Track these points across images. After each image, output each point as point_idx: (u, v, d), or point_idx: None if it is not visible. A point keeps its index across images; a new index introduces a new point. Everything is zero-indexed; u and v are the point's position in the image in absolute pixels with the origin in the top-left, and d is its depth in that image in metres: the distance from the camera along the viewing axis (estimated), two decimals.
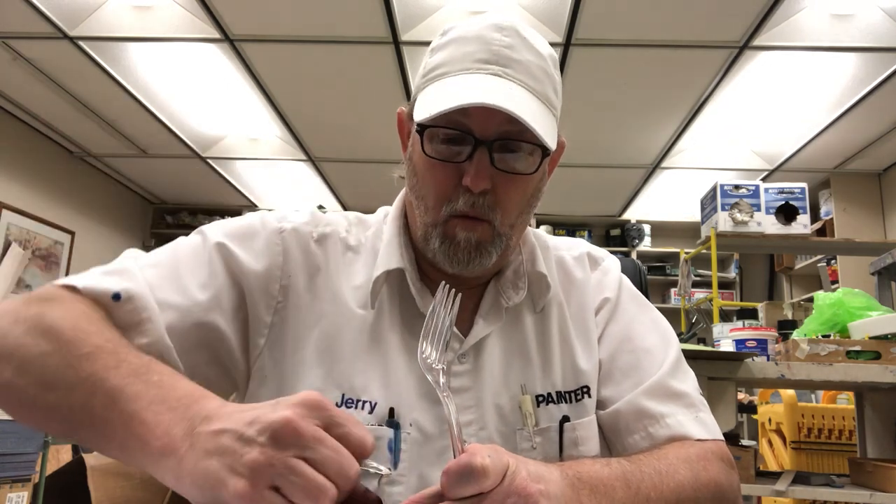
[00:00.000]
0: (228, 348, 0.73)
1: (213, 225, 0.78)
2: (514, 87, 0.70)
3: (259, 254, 0.75)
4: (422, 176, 0.74)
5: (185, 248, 0.75)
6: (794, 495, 1.76)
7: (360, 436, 0.49)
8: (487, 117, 0.69)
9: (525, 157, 0.72)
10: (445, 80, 0.71)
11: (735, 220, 3.13)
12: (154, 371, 0.56)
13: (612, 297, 0.84)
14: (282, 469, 0.45)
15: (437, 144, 0.71)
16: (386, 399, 0.72)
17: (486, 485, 0.48)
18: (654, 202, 5.68)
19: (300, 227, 0.79)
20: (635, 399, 0.77)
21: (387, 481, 0.71)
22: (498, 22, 0.73)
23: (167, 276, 0.71)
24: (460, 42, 0.73)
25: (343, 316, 0.76)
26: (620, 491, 0.59)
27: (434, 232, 0.74)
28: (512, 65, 0.71)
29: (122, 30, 3.26)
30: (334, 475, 0.46)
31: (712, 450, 0.73)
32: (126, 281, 0.66)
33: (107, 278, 0.66)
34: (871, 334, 1.77)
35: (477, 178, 0.69)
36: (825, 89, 3.63)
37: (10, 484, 2.71)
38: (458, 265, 0.73)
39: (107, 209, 5.53)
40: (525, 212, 0.76)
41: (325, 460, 0.46)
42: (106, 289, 0.65)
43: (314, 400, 0.48)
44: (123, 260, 0.71)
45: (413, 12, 3.10)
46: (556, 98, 0.76)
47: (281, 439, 0.45)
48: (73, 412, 0.55)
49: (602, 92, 3.79)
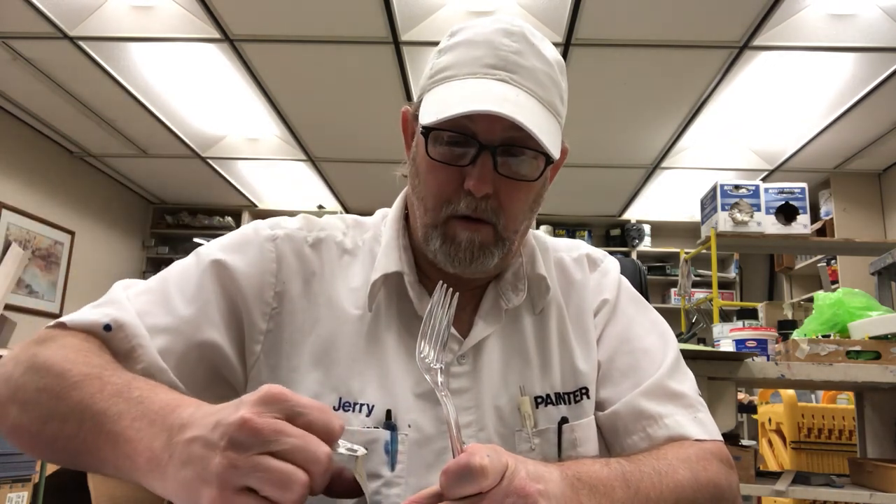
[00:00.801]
0: (226, 360, 0.73)
1: (208, 244, 0.79)
2: (520, 94, 0.70)
3: (252, 261, 0.76)
4: (424, 177, 0.74)
5: (175, 270, 0.76)
6: (794, 495, 1.76)
7: (324, 420, 0.49)
8: (492, 122, 0.69)
9: (528, 163, 0.72)
10: (452, 84, 0.72)
11: (735, 220, 3.13)
12: (135, 388, 0.57)
13: (611, 299, 0.85)
14: (246, 469, 0.45)
15: (441, 147, 0.71)
16: (383, 401, 0.72)
17: (484, 484, 0.48)
18: (654, 202, 5.68)
19: (293, 232, 0.79)
20: (634, 400, 0.77)
21: (384, 483, 0.70)
22: (507, 27, 0.73)
23: (157, 300, 0.72)
24: (469, 45, 0.73)
25: (339, 319, 0.76)
26: (620, 491, 0.59)
27: (434, 233, 0.74)
28: (519, 71, 0.71)
29: (122, 30, 3.26)
30: (303, 462, 0.46)
31: (711, 450, 0.74)
32: (115, 311, 0.69)
33: (96, 311, 0.69)
34: (871, 334, 1.77)
35: (480, 182, 0.69)
36: (825, 89, 3.63)
37: (10, 484, 2.71)
38: (460, 265, 0.73)
39: (107, 209, 5.53)
40: (528, 217, 0.76)
41: (291, 449, 0.46)
42: (95, 321, 0.68)
43: (272, 393, 0.48)
44: (113, 291, 0.73)
45: (413, 12, 3.10)
46: (562, 105, 0.76)
47: (240, 440, 0.46)
48: (70, 441, 0.57)
49: (602, 92, 3.79)
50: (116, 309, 0.69)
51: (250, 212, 6.17)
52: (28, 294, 4.62)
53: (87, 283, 5.23)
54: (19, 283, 4.47)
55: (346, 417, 0.71)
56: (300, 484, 0.45)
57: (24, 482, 2.78)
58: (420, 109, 0.73)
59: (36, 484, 2.83)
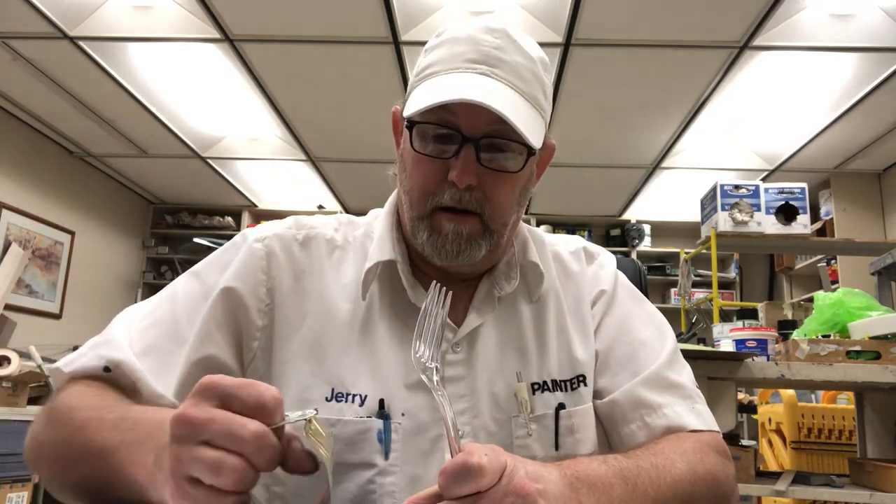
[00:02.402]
0: (225, 367, 0.75)
1: (206, 264, 0.81)
2: (499, 86, 0.71)
3: (242, 263, 0.78)
4: (410, 171, 0.76)
5: (182, 300, 0.77)
6: (794, 495, 1.76)
7: (255, 395, 0.48)
8: (475, 115, 0.70)
9: (513, 157, 0.73)
10: (434, 79, 0.73)
11: (735, 220, 3.13)
12: (128, 417, 0.60)
13: (609, 290, 0.86)
14: (187, 460, 0.46)
15: (426, 141, 0.73)
16: (375, 391, 0.73)
17: (483, 483, 0.48)
18: (654, 202, 5.68)
19: (282, 232, 0.81)
20: (633, 389, 0.77)
21: (378, 472, 0.71)
22: (489, 24, 0.74)
23: (166, 333, 0.74)
24: (452, 42, 0.75)
25: (331, 312, 0.77)
26: (618, 488, 0.60)
27: (421, 225, 0.75)
28: (500, 65, 0.72)
29: (122, 30, 3.26)
30: (230, 445, 0.46)
31: (708, 441, 0.74)
32: (110, 352, 0.71)
33: (93, 353, 0.71)
34: (871, 334, 1.77)
35: (462, 173, 0.71)
36: (825, 89, 3.63)
37: (10, 484, 2.71)
38: (447, 257, 0.74)
39: (107, 209, 5.53)
40: (514, 210, 0.77)
41: (220, 434, 0.46)
42: (95, 366, 0.70)
43: (206, 383, 0.49)
44: (112, 329, 0.74)
45: (413, 12, 3.10)
46: (545, 100, 0.77)
47: (179, 434, 0.47)
48: (89, 481, 0.61)
49: (602, 92, 3.79)
50: (111, 349, 0.71)
51: (250, 212, 6.17)
52: (28, 294, 4.62)
53: (87, 283, 5.23)
54: (19, 283, 4.47)
55: (339, 408, 0.72)
56: (230, 468, 0.45)
57: (24, 482, 2.78)
58: (405, 106, 0.75)
59: (36, 484, 2.83)
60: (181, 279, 0.80)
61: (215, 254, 0.81)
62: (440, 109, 0.70)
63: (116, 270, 5.70)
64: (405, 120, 0.74)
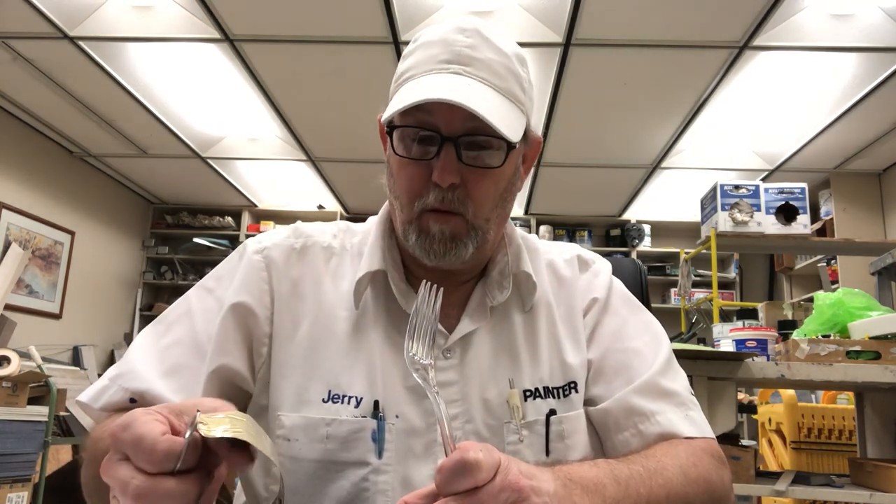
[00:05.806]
0: (239, 375, 0.77)
1: (207, 278, 0.82)
2: (472, 83, 0.72)
3: (246, 275, 0.80)
4: (396, 175, 0.77)
5: (200, 318, 0.78)
6: (794, 495, 1.76)
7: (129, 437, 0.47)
8: (451, 114, 0.71)
9: (493, 153, 0.74)
10: (410, 83, 0.74)
11: (735, 220, 3.13)
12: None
13: (602, 298, 0.86)
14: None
15: (407, 144, 0.74)
16: (371, 394, 0.75)
17: (480, 478, 0.49)
18: (654, 202, 5.68)
19: (280, 241, 0.83)
20: (626, 397, 0.78)
21: (372, 470, 0.72)
22: (461, 24, 0.75)
23: (190, 350, 0.76)
24: (426, 46, 0.75)
25: (328, 318, 0.78)
26: (610, 488, 0.60)
27: (410, 228, 0.76)
28: (473, 63, 0.73)
29: (122, 30, 3.26)
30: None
31: (702, 447, 0.74)
32: (132, 382, 0.73)
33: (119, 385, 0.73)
34: (871, 334, 1.77)
35: (443, 172, 0.71)
36: (825, 89, 3.63)
37: (10, 484, 2.71)
38: (435, 257, 0.75)
39: (107, 209, 5.53)
40: (499, 205, 0.78)
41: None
42: (121, 399, 0.72)
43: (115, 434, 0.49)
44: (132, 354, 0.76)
45: (413, 12, 3.10)
46: (523, 94, 0.77)
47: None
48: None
49: (602, 92, 3.79)
50: (132, 380, 0.73)
51: (250, 212, 6.17)
52: (28, 294, 4.62)
53: (87, 283, 5.24)
54: (19, 283, 4.47)
55: (335, 409, 0.74)
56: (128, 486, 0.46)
57: (24, 482, 2.78)
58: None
59: (36, 484, 2.83)
60: (193, 295, 0.81)
61: (221, 268, 0.83)
62: (418, 111, 0.71)
63: (116, 270, 5.70)
64: (387, 126, 0.75)
